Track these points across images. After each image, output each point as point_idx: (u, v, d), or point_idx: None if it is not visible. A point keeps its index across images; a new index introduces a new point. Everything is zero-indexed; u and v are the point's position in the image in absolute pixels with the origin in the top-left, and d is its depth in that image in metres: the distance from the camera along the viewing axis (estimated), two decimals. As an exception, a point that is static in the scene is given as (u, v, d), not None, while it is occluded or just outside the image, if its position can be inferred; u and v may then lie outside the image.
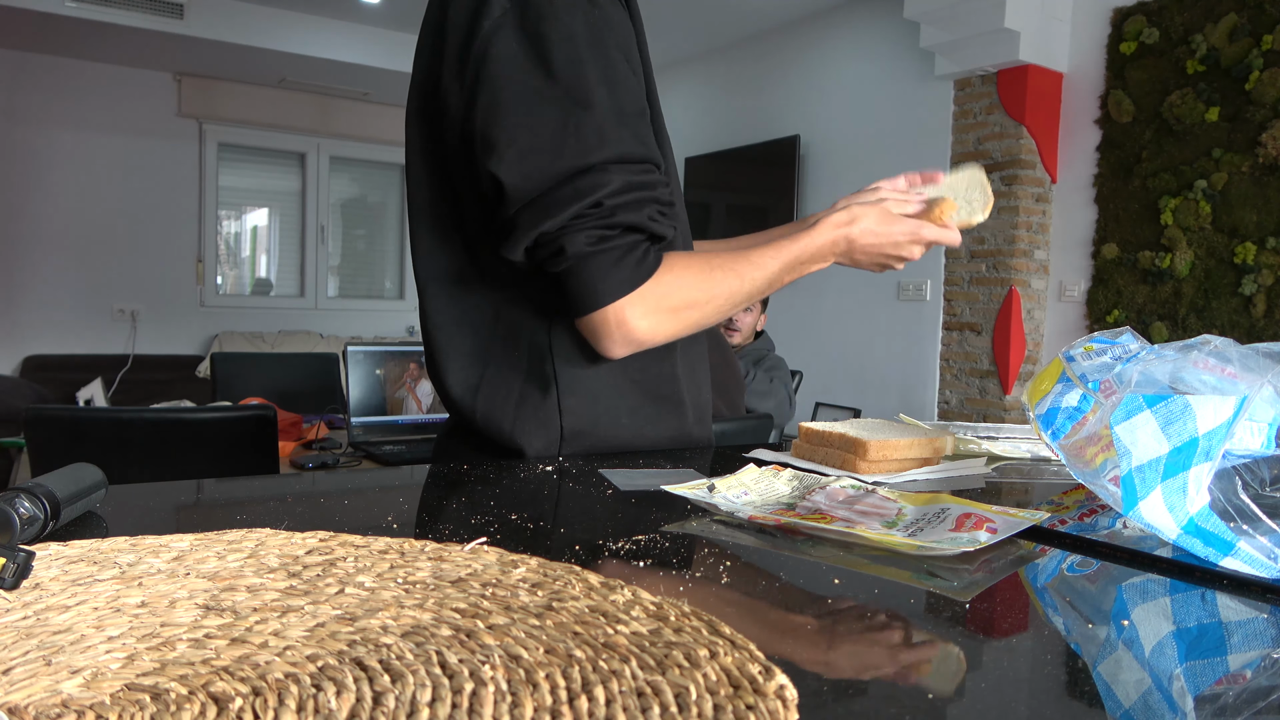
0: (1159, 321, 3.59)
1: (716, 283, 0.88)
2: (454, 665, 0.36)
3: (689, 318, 0.88)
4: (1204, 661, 0.41)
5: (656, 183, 0.85)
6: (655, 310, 0.85)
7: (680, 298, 0.86)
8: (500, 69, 0.82)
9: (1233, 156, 3.36)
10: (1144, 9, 3.64)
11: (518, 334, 0.91)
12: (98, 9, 4.67)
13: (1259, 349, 0.61)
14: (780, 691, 0.33)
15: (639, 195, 0.82)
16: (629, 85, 0.85)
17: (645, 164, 0.84)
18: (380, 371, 2.46)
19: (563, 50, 0.81)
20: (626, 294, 0.83)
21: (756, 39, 5.42)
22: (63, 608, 0.42)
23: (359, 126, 6.61)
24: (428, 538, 0.54)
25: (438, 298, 0.95)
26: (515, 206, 0.82)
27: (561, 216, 0.80)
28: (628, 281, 0.83)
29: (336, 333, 6.57)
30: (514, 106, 0.81)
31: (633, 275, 0.83)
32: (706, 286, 0.88)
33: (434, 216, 0.94)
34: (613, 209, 0.81)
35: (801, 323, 5.02)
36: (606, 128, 0.81)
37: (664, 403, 0.97)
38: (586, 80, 0.81)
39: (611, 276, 0.82)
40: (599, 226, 0.81)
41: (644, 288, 0.84)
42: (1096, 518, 0.67)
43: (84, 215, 5.69)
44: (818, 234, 0.93)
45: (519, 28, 0.82)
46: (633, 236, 0.83)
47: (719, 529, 0.61)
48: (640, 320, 0.84)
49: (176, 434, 1.82)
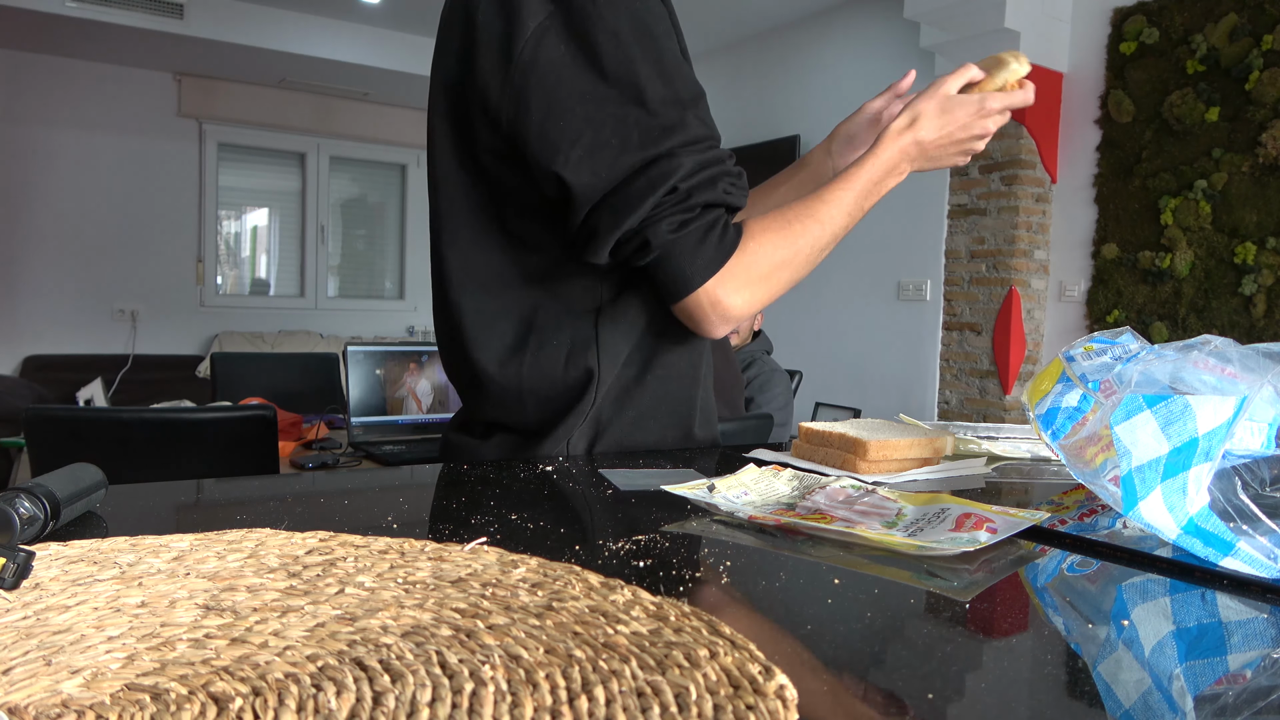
0: (1159, 321, 3.59)
1: (799, 235, 0.88)
2: (454, 665, 0.36)
3: (781, 278, 0.88)
4: (1204, 661, 0.41)
5: (724, 156, 0.85)
6: (746, 283, 0.85)
7: (768, 263, 0.86)
8: (552, 73, 0.82)
9: (1233, 156, 3.36)
10: (1144, 9, 3.64)
11: (561, 327, 0.91)
12: (98, 9, 4.67)
13: (1259, 349, 0.61)
14: (780, 691, 0.33)
15: (712, 172, 0.83)
16: (681, 71, 0.85)
17: (709, 141, 0.85)
18: (380, 371, 2.46)
19: (611, 47, 0.81)
20: (715, 273, 0.83)
21: (756, 39, 5.42)
22: (63, 608, 0.42)
23: (359, 126, 6.61)
24: (428, 538, 0.54)
25: (473, 295, 0.93)
26: (587, 207, 0.82)
27: (642, 209, 0.80)
28: (714, 261, 0.83)
29: (336, 333, 6.56)
30: (572, 109, 0.81)
31: (717, 254, 0.83)
32: (790, 243, 0.88)
33: (470, 216, 0.93)
34: (689, 190, 0.81)
35: (801, 323, 5.02)
36: (667, 115, 0.82)
37: (681, 406, 0.97)
38: (638, 74, 0.81)
39: (697, 259, 0.83)
40: (679, 211, 0.81)
41: (731, 263, 0.84)
42: (1096, 518, 0.67)
43: (84, 215, 5.69)
44: (882, 150, 0.93)
45: (565, 30, 0.82)
46: (712, 214, 0.84)
47: (719, 529, 0.61)
48: (734, 296, 0.85)
49: (176, 434, 1.82)
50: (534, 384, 0.92)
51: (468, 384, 0.98)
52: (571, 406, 0.91)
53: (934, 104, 0.94)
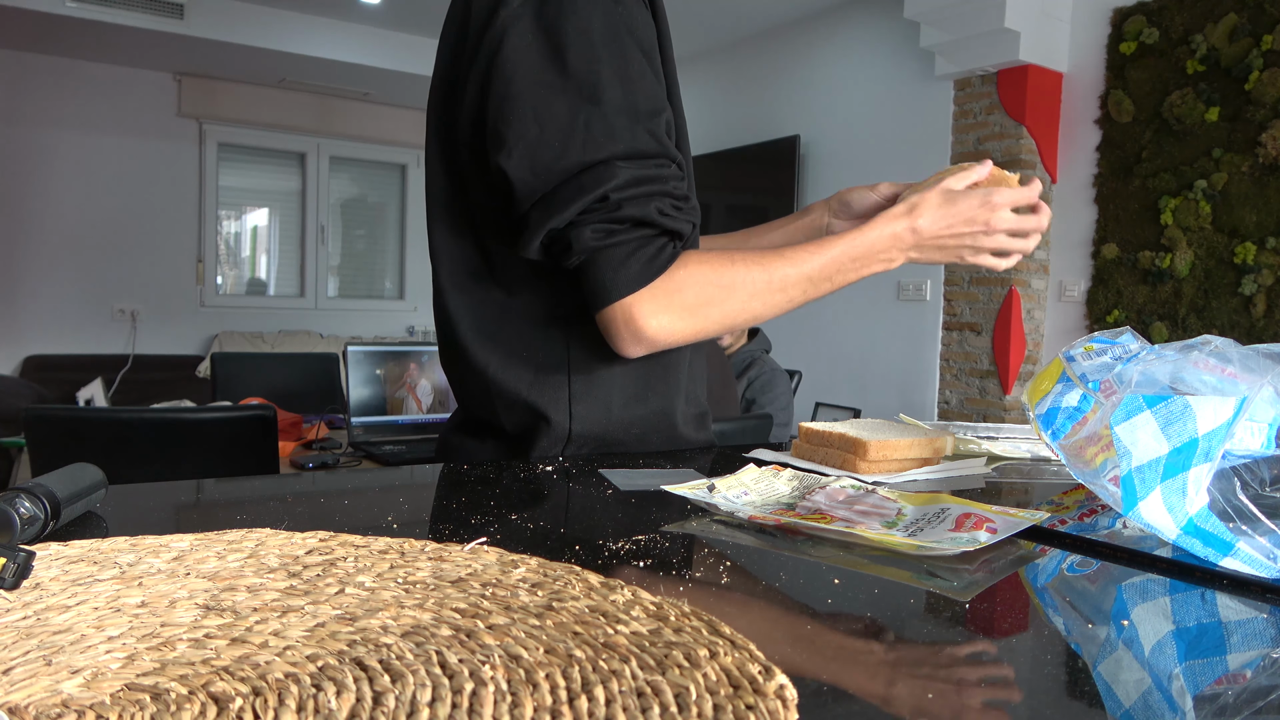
0: (1159, 321, 3.58)
1: (737, 277, 0.84)
2: (454, 665, 0.36)
3: (709, 316, 0.84)
4: (1204, 661, 0.41)
5: (668, 177, 0.82)
6: (668, 308, 0.82)
7: (695, 295, 0.83)
8: (513, 61, 0.81)
9: (1233, 156, 3.36)
10: (1144, 9, 3.63)
11: (533, 330, 0.90)
12: (98, 9, 4.67)
13: (1259, 349, 0.61)
14: (780, 691, 0.33)
15: (647, 189, 0.80)
16: (645, 84, 0.83)
17: (658, 159, 0.82)
18: (380, 371, 2.46)
19: (578, 45, 0.80)
20: (636, 290, 0.81)
21: (756, 39, 5.42)
22: (63, 608, 0.42)
23: (359, 126, 6.61)
24: (428, 538, 0.54)
25: (452, 292, 0.94)
26: (526, 203, 0.81)
27: (568, 212, 0.79)
28: (637, 278, 0.81)
29: (336, 333, 6.56)
30: (524, 100, 0.80)
31: (643, 271, 0.81)
32: (724, 282, 0.84)
33: (448, 210, 0.94)
34: (618, 202, 0.79)
35: (801, 323, 5.02)
36: (617, 124, 0.80)
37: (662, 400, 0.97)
38: (600, 76, 0.80)
39: (621, 272, 0.80)
40: (605, 221, 0.79)
41: (655, 284, 0.81)
42: (1096, 518, 0.67)
43: (84, 215, 5.69)
44: (870, 229, 0.88)
45: (536, 20, 0.81)
46: (643, 231, 0.81)
47: (719, 529, 0.61)
48: (651, 318, 0.81)
49: (176, 434, 1.82)
50: (506, 385, 0.91)
51: (456, 381, 0.98)
52: (545, 413, 0.90)
53: (935, 194, 0.89)
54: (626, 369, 0.92)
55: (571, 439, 0.91)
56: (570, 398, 0.90)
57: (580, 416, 0.91)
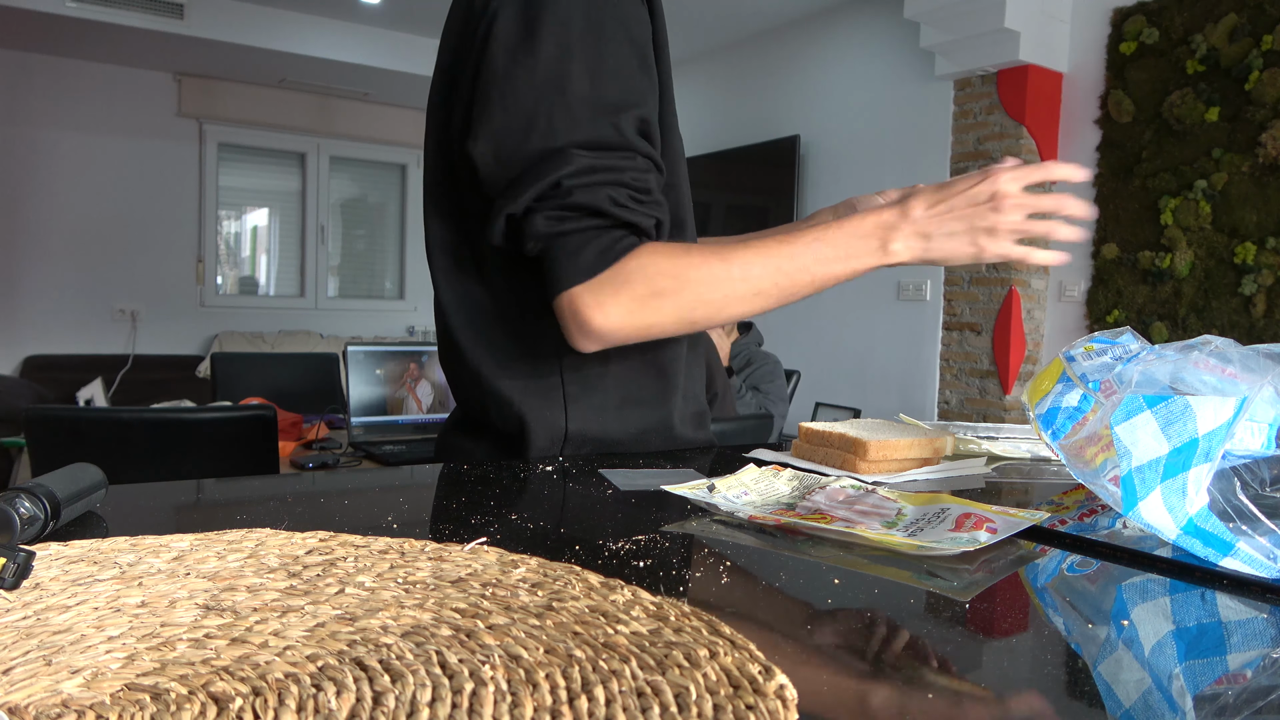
0: (1159, 321, 3.58)
1: (693, 269, 0.79)
2: (454, 665, 0.36)
3: (661, 309, 0.79)
4: (1204, 661, 0.41)
5: (626, 168, 0.80)
6: (614, 298, 0.78)
7: (645, 286, 0.78)
8: (493, 49, 0.82)
9: (1233, 156, 3.36)
10: (1144, 9, 3.63)
11: (523, 323, 0.90)
12: (98, 9, 4.67)
13: (1259, 349, 0.61)
14: (780, 691, 0.33)
15: (601, 177, 0.78)
16: (620, 78, 0.82)
17: (621, 151, 0.80)
18: (380, 371, 2.46)
19: (553, 36, 0.80)
20: (584, 281, 0.78)
21: (756, 39, 5.42)
22: (63, 608, 0.42)
23: (359, 126, 6.61)
24: (428, 538, 0.54)
25: (444, 287, 0.94)
26: (491, 190, 0.82)
27: (523, 199, 0.79)
28: (589, 268, 0.78)
29: (336, 333, 6.56)
30: (495, 87, 0.81)
31: (595, 261, 0.78)
32: (679, 273, 0.79)
33: (437, 202, 0.94)
34: (570, 189, 0.78)
35: (801, 322, 5.02)
36: (580, 114, 0.79)
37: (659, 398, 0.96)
38: (569, 68, 0.80)
39: (570, 262, 0.78)
40: (557, 208, 0.78)
41: (604, 275, 0.78)
42: (1096, 518, 0.67)
43: (84, 215, 5.69)
44: (856, 218, 0.82)
45: (520, 10, 0.82)
46: (596, 221, 0.79)
47: (719, 529, 0.61)
48: (596, 310, 0.78)
49: (176, 434, 1.82)
50: (500, 385, 0.91)
51: (453, 379, 0.98)
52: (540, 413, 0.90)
53: (931, 185, 0.84)
54: (622, 368, 0.92)
55: (569, 439, 0.91)
56: (565, 398, 0.90)
57: (576, 416, 0.91)
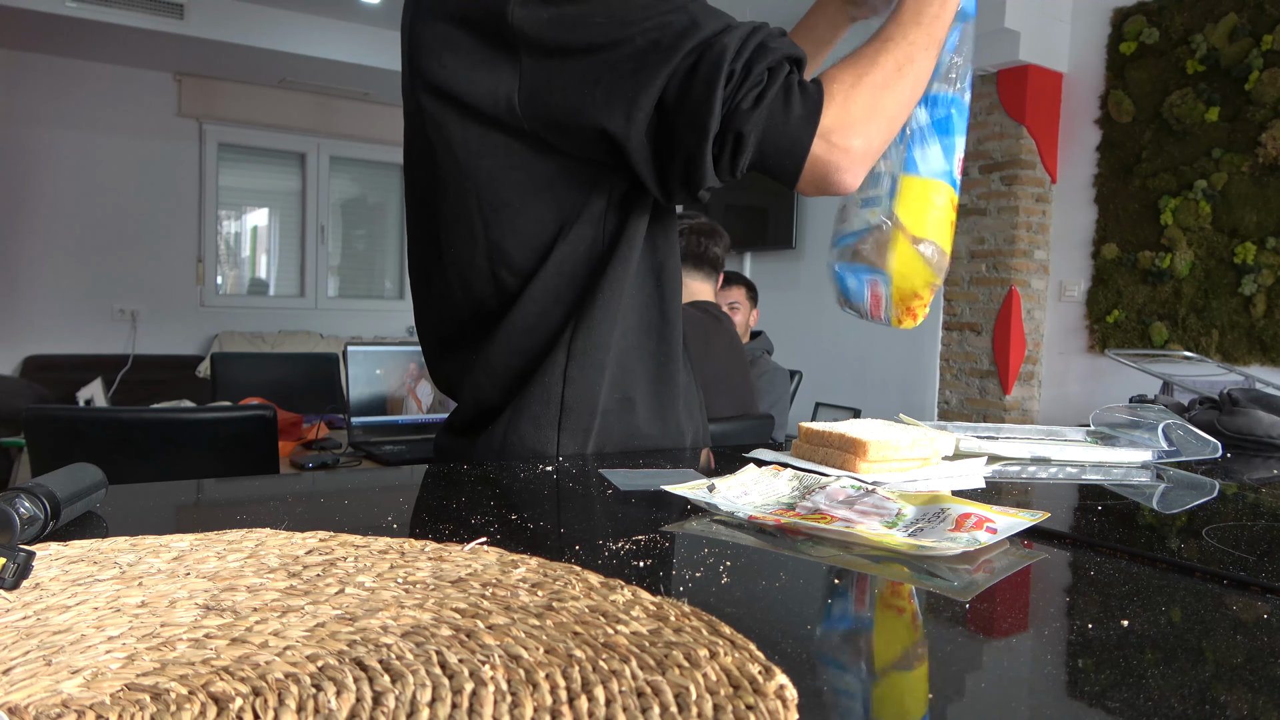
0: (1159, 321, 3.59)
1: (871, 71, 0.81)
2: (454, 665, 0.36)
3: (884, 106, 0.81)
4: (1203, 661, 0.41)
5: (755, 24, 0.79)
6: (851, 121, 0.78)
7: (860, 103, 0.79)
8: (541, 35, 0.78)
9: (1233, 156, 3.36)
10: (1144, 9, 3.63)
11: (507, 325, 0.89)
12: (98, 9, 4.67)
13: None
14: (780, 691, 0.33)
15: (758, 39, 0.77)
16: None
17: (727, 19, 0.79)
18: (380, 371, 2.46)
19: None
20: (819, 123, 0.77)
21: (756, 39, 5.41)
22: (63, 608, 0.42)
23: (359, 126, 6.61)
24: (428, 538, 0.54)
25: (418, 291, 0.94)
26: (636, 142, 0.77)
27: (715, 113, 0.75)
28: (811, 114, 0.77)
29: (336, 333, 6.56)
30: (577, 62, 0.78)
31: (808, 106, 0.77)
32: (875, 66, 0.81)
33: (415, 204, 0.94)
34: (748, 65, 0.76)
35: (801, 322, 5.02)
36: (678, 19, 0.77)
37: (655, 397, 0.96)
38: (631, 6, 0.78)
39: (792, 121, 0.77)
40: (750, 89, 0.76)
41: (830, 111, 0.78)
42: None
43: (84, 215, 5.69)
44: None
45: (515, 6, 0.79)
46: (781, 74, 0.77)
47: (719, 529, 0.61)
48: (850, 139, 0.78)
49: (176, 434, 1.82)
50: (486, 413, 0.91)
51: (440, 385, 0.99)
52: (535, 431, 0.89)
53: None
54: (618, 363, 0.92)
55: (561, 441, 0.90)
56: (564, 395, 0.89)
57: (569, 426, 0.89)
